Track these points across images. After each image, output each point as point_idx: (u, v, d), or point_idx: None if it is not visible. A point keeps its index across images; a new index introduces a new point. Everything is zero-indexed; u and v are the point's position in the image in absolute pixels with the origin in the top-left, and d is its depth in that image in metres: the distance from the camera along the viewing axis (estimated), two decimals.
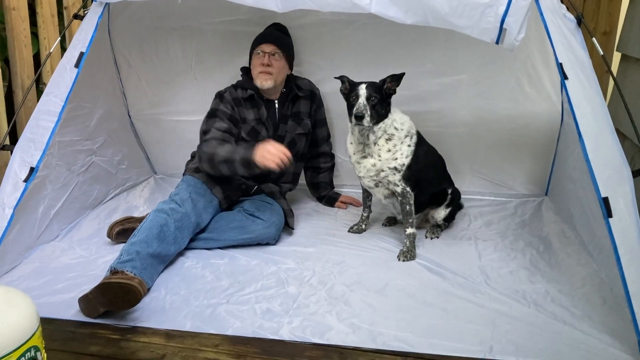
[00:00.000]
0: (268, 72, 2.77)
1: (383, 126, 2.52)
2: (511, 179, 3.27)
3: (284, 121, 2.89)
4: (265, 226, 2.61)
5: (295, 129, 2.91)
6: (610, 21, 3.45)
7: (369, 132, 2.52)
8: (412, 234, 2.55)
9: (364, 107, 2.42)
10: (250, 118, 2.81)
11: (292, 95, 2.90)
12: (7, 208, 2.24)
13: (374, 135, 2.53)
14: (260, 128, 2.81)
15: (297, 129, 2.91)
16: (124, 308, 2.02)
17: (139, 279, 2.09)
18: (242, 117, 2.80)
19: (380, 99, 2.47)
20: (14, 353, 1.32)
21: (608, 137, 1.94)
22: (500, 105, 3.10)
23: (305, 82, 3.02)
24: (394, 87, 2.51)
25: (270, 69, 2.77)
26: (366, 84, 2.48)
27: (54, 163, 2.56)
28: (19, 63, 3.03)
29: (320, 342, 1.89)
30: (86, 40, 2.34)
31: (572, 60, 1.99)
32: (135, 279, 2.07)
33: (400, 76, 2.48)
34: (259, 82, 2.78)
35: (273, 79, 2.78)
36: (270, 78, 2.77)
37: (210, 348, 1.87)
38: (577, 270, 2.35)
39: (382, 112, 2.50)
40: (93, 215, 2.94)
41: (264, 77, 2.77)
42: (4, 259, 2.29)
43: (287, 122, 2.89)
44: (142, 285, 2.05)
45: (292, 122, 2.90)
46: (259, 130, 2.81)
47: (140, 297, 2.01)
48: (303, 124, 2.94)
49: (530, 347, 1.85)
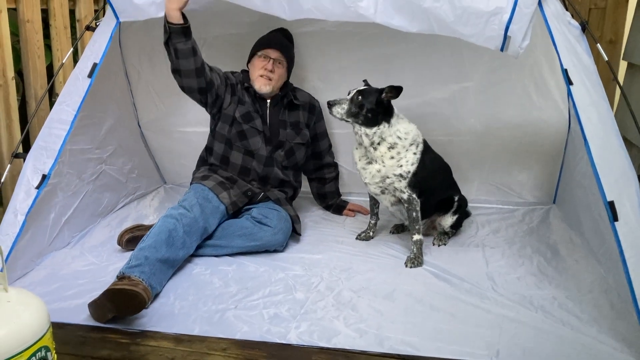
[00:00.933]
0: (269, 78, 2.81)
1: (379, 132, 2.54)
2: (519, 186, 3.27)
3: (283, 127, 2.91)
4: (273, 233, 2.63)
5: (294, 138, 2.93)
6: (615, 30, 3.47)
7: (362, 134, 2.56)
8: (419, 241, 2.56)
9: (342, 101, 2.51)
10: (248, 101, 2.85)
11: (287, 100, 2.93)
12: (20, 214, 2.28)
13: (368, 139, 2.55)
14: (255, 116, 2.84)
15: (295, 138, 2.93)
16: (130, 314, 2.04)
17: (144, 285, 2.10)
18: (241, 99, 2.84)
19: (371, 101, 2.50)
20: (26, 352, 1.34)
21: (614, 142, 1.95)
22: (508, 112, 3.12)
23: (304, 94, 3.05)
24: (391, 97, 2.53)
25: (272, 75, 2.82)
26: (362, 89, 2.54)
27: (64, 171, 2.60)
28: (32, 74, 3.09)
29: (327, 346, 1.90)
30: (99, 52, 2.39)
31: (577, 65, 2.00)
32: (140, 284, 2.08)
33: (399, 89, 2.49)
34: (258, 86, 2.82)
35: (272, 85, 2.83)
36: (270, 84, 2.82)
37: (218, 352, 1.89)
38: (585, 276, 2.35)
39: (368, 116, 2.52)
40: (104, 223, 2.97)
41: (263, 81, 2.81)
42: (16, 264, 2.32)
43: (287, 129, 2.91)
44: (146, 291, 2.07)
45: (291, 130, 2.92)
46: (254, 118, 2.83)
47: (144, 302, 2.03)
48: (302, 134, 2.96)
49: (537, 351, 1.85)
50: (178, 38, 2.49)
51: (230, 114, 2.82)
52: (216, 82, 2.75)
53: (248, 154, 2.83)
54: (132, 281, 2.09)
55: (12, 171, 2.56)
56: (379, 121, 2.53)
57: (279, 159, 2.88)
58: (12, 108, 2.95)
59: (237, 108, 2.82)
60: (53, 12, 3.25)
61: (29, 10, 3.01)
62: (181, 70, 2.59)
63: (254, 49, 2.92)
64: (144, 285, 2.09)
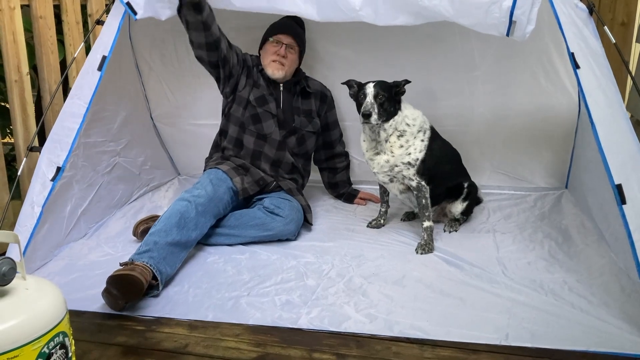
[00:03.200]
0: (281, 63, 2.83)
1: (394, 123, 2.55)
2: (530, 172, 3.26)
3: (297, 114, 2.93)
4: (285, 223, 2.66)
5: (306, 126, 2.95)
6: (628, 12, 3.43)
7: (380, 130, 2.56)
8: (429, 227, 2.57)
9: (371, 105, 2.46)
10: (263, 85, 2.87)
11: (300, 86, 2.94)
12: (36, 206, 2.33)
13: (385, 133, 2.56)
14: (269, 99, 2.85)
15: (307, 126, 2.95)
16: (134, 297, 2.09)
17: (142, 268, 2.13)
18: (256, 82, 2.87)
19: (388, 97, 2.50)
20: (44, 337, 1.39)
21: (622, 125, 1.94)
22: (517, 99, 3.11)
23: (316, 82, 3.07)
24: (403, 90, 2.55)
25: (284, 61, 2.84)
26: (374, 82, 2.52)
27: (79, 164, 2.65)
28: (46, 69, 3.14)
29: (338, 331, 1.93)
30: (108, 44, 2.42)
31: (583, 49, 2.00)
32: (137, 268, 2.11)
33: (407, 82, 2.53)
34: (270, 71, 2.84)
35: (285, 70, 2.85)
36: (282, 69, 2.84)
37: (231, 337, 1.93)
38: (596, 260, 2.35)
39: (390, 110, 2.53)
40: (119, 214, 3.02)
41: (276, 66, 2.83)
42: (34, 255, 2.38)
43: (300, 116, 2.93)
44: (143, 274, 2.10)
45: (303, 118, 2.94)
46: (268, 101, 2.85)
47: (141, 285, 2.07)
48: (313, 123, 2.98)
49: (546, 334, 1.86)
50: (188, 10, 2.46)
51: (245, 96, 2.84)
52: (232, 60, 2.76)
53: (260, 138, 2.85)
54: (131, 266, 2.13)
55: (28, 164, 2.62)
56: (395, 112, 2.55)
57: (290, 145, 2.90)
58: (27, 103, 3.01)
59: (251, 91, 2.85)
60: (65, 7, 3.30)
61: (41, 6, 3.06)
62: (193, 41, 2.61)
63: (265, 35, 2.93)
64: (142, 269, 2.12)
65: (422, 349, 1.83)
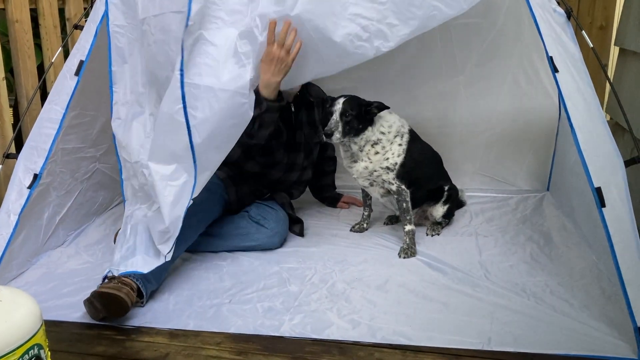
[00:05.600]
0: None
1: (364, 137, 2.53)
2: (512, 175, 3.29)
3: (300, 127, 2.83)
4: (269, 235, 2.62)
5: (313, 137, 2.86)
6: (606, 15, 3.48)
7: (350, 143, 2.54)
8: (411, 231, 2.57)
9: (335, 124, 2.42)
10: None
11: (306, 100, 2.85)
12: (12, 215, 2.28)
13: (357, 145, 2.55)
14: (282, 128, 2.70)
15: (314, 138, 2.87)
16: (116, 316, 2.04)
17: (128, 289, 2.05)
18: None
19: (356, 115, 2.46)
20: (19, 350, 1.35)
21: (600, 128, 1.95)
22: (499, 103, 3.14)
23: (316, 88, 2.98)
24: (375, 111, 2.52)
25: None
26: (345, 98, 2.49)
27: (57, 170, 2.60)
28: (23, 74, 3.09)
29: (320, 338, 1.92)
30: (85, 49, 2.38)
31: (562, 53, 2.01)
32: (124, 288, 2.04)
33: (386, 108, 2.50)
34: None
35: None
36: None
37: (213, 346, 1.90)
38: (577, 262, 2.37)
39: (359, 127, 2.49)
40: (99, 221, 2.98)
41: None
42: (10, 265, 2.33)
43: (304, 130, 2.83)
44: (129, 295, 2.03)
45: (309, 130, 2.85)
46: (282, 131, 2.70)
47: (127, 307, 2.01)
48: (318, 132, 2.90)
49: (529, 337, 1.86)
50: (271, 113, 2.35)
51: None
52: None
53: (267, 167, 2.76)
54: (119, 284, 2.05)
55: (5, 171, 2.57)
56: (365, 128, 2.53)
57: (298, 162, 2.83)
58: (3, 109, 2.95)
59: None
60: (42, 11, 3.25)
61: (17, 10, 3.01)
62: (255, 136, 2.41)
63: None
64: (128, 289, 2.05)
65: (405, 355, 1.82)
